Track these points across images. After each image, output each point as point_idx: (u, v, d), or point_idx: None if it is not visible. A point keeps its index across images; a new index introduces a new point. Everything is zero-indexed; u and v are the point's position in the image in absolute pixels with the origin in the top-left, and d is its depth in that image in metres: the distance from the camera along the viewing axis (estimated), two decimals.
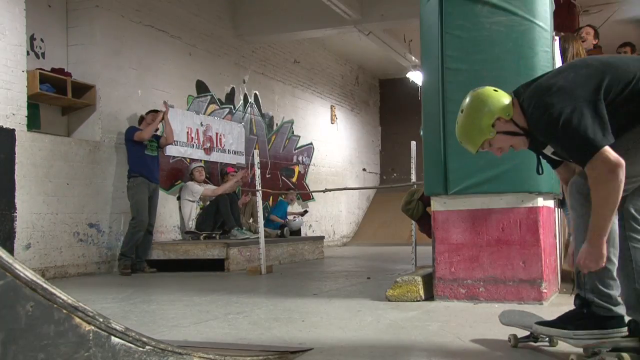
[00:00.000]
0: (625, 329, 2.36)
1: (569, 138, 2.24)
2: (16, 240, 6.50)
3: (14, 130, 6.37)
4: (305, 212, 11.39)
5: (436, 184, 4.19)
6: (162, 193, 8.67)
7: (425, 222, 5.42)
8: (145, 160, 7.51)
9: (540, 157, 2.62)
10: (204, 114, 9.65)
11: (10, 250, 6.57)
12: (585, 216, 2.32)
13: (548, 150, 2.51)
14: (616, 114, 2.26)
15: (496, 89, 2.52)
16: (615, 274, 2.38)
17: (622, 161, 2.16)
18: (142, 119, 7.83)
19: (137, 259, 7.35)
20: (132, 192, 7.37)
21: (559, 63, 4.45)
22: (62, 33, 7.73)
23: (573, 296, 2.54)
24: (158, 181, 7.75)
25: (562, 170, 2.65)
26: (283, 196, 10.91)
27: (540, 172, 2.61)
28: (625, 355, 2.29)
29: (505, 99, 2.46)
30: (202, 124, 9.41)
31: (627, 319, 2.42)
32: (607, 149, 2.17)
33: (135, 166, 7.42)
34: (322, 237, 10.28)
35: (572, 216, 2.48)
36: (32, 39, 7.17)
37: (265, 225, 10.00)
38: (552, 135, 2.31)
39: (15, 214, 6.49)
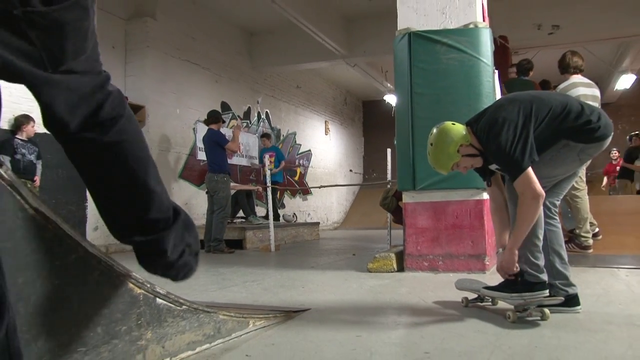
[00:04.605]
0: (547, 291, 2.39)
1: (508, 161, 2.29)
2: (87, 223, 6.71)
3: None
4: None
5: (407, 181, 4.21)
6: (194, 187, 8.69)
7: (398, 213, 5.40)
8: (228, 161, 7.05)
9: (482, 173, 2.63)
10: (227, 127, 9.64)
11: (83, 232, 6.67)
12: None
13: (493, 166, 2.53)
14: (543, 133, 2.33)
15: (453, 122, 2.50)
16: (541, 248, 2.43)
17: (543, 193, 2.25)
18: (214, 117, 7.15)
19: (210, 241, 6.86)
20: (224, 186, 6.80)
21: (498, 90, 4.47)
22: (121, 67, 7.80)
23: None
24: None
25: (494, 190, 2.63)
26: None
27: (489, 184, 2.62)
28: (546, 310, 2.35)
29: (462, 129, 2.46)
30: (226, 135, 9.36)
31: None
32: (530, 173, 2.24)
33: (224, 166, 6.91)
34: (318, 223, 10.25)
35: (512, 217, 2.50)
36: None
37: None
38: (499, 157, 2.35)
39: (86, 203, 6.66)
